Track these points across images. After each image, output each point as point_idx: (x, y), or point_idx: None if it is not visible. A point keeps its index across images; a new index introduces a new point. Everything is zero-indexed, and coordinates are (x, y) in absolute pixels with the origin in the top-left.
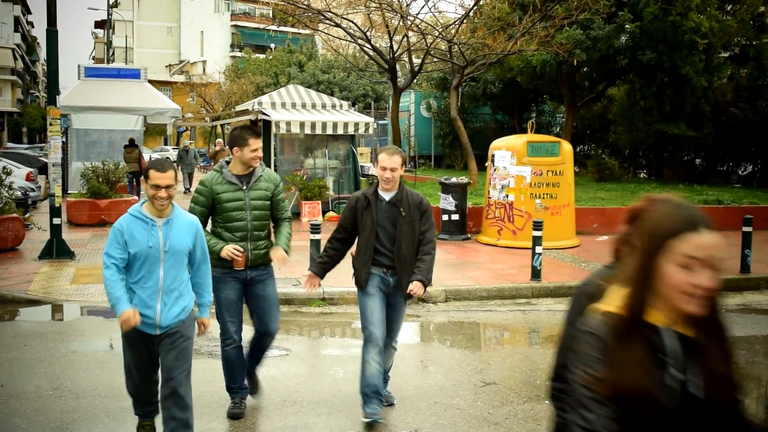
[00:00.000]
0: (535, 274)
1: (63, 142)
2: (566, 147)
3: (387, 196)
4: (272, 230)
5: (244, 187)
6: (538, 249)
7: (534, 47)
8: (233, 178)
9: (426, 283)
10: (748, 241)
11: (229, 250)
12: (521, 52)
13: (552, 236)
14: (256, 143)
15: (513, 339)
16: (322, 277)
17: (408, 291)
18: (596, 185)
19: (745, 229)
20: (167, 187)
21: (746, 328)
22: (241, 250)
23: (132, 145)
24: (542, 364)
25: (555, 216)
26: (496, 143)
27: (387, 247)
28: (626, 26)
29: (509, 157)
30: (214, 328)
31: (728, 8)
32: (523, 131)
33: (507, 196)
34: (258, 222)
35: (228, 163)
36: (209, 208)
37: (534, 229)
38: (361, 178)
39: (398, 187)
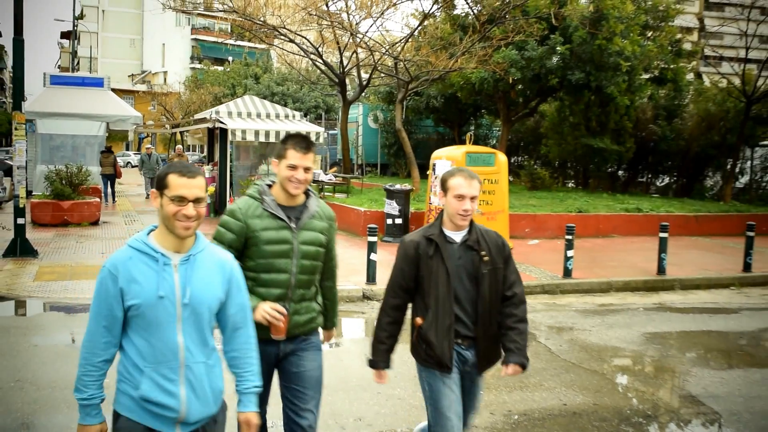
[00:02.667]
0: None
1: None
2: (501, 158)
3: (458, 237)
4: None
5: (293, 225)
6: None
7: (473, 65)
8: (278, 210)
9: (526, 366)
10: (664, 246)
11: (267, 310)
12: (461, 70)
13: None
14: (301, 159)
15: None
16: (390, 367)
17: (503, 374)
18: (528, 193)
19: (662, 234)
20: (196, 201)
21: (662, 325)
22: (284, 311)
23: (108, 150)
24: None
25: (490, 221)
26: (438, 153)
27: (465, 309)
28: (557, 48)
29: (449, 166)
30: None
31: (649, 34)
32: (462, 143)
33: None
34: (306, 276)
35: (270, 186)
36: (240, 250)
37: None
38: (312, 184)
39: (470, 222)
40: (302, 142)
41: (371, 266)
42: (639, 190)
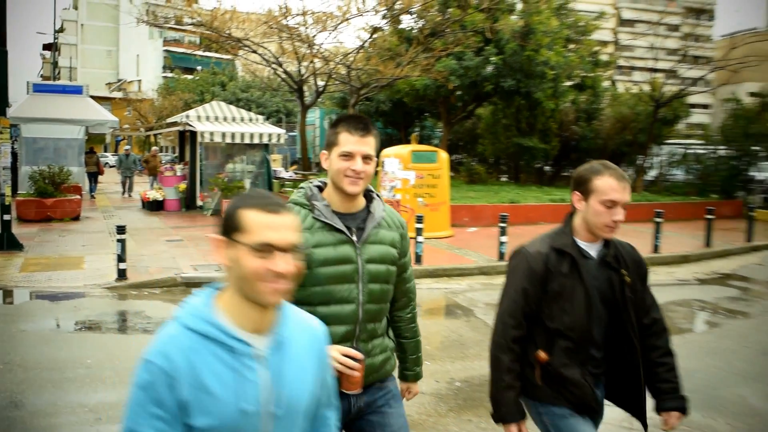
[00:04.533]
0: (417, 259)
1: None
2: (443, 155)
3: (594, 251)
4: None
5: (355, 239)
6: (420, 238)
7: (417, 74)
8: (334, 219)
9: (687, 410)
10: None
11: (338, 358)
12: (407, 78)
13: (431, 228)
14: (358, 143)
15: None
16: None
17: (664, 428)
18: (467, 187)
19: None
20: (288, 250)
21: None
22: (359, 356)
23: (91, 151)
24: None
25: (433, 211)
26: (386, 152)
27: (596, 339)
28: (491, 59)
29: (397, 164)
30: None
31: (571, 47)
32: (409, 143)
33: (395, 195)
34: (376, 306)
35: (321, 189)
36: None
37: (416, 222)
38: (274, 180)
39: None
40: (358, 122)
41: None
42: (563, 183)
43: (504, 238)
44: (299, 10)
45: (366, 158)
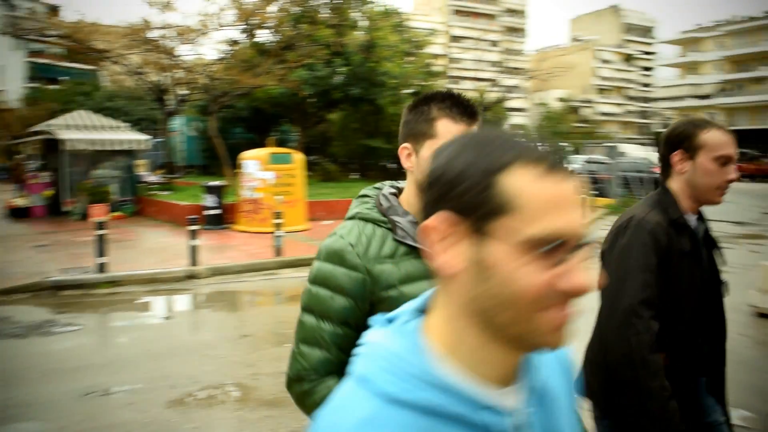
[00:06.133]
0: (278, 251)
1: None
2: (298, 156)
3: (693, 224)
4: None
5: None
6: (279, 233)
7: (273, 83)
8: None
9: None
10: None
11: None
12: (264, 86)
13: (289, 223)
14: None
15: (263, 301)
16: None
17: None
18: (321, 184)
19: None
20: (582, 247)
21: None
22: None
23: None
24: (285, 317)
25: (291, 208)
26: (247, 154)
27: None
28: (340, 69)
29: (256, 165)
30: None
31: (409, 59)
32: (267, 146)
33: (255, 193)
34: None
35: (396, 194)
36: (362, 317)
37: (276, 218)
38: (139, 184)
39: None
40: (461, 104)
41: (194, 251)
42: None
43: None
44: (161, 23)
45: None
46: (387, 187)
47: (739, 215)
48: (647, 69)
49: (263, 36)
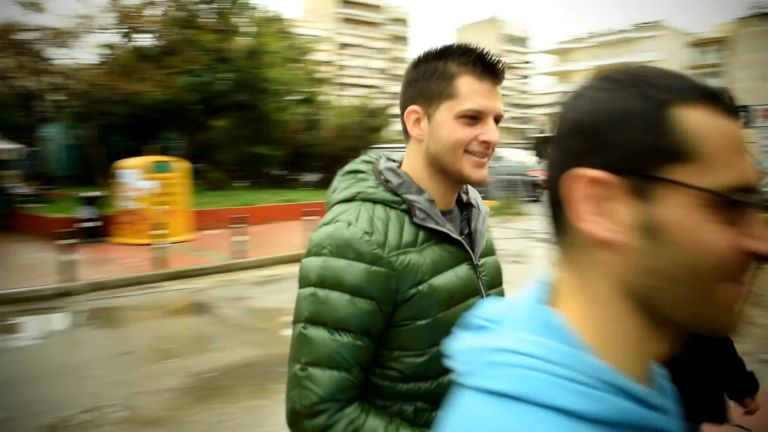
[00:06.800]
0: (161, 263)
1: None
2: (183, 165)
3: None
4: None
5: (471, 251)
6: (162, 244)
7: (155, 89)
8: (446, 222)
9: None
10: (311, 225)
11: None
12: (145, 92)
13: (174, 233)
14: (490, 99)
15: (144, 316)
16: None
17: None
18: (208, 192)
19: (308, 217)
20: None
21: None
22: None
23: None
24: (168, 332)
25: (175, 218)
26: (126, 163)
27: None
28: (223, 75)
29: (137, 174)
30: None
31: (296, 65)
32: (150, 154)
33: (135, 204)
34: None
35: (393, 170)
36: (383, 323)
37: (158, 229)
38: (5, 197)
39: None
40: (484, 58)
41: (69, 266)
42: (295, 185)
43: (242, 238)
44: (32, 25)
45: (497, 120)
46: (383, 159)
47: None
48: (525, 77)
49: (144, 40)
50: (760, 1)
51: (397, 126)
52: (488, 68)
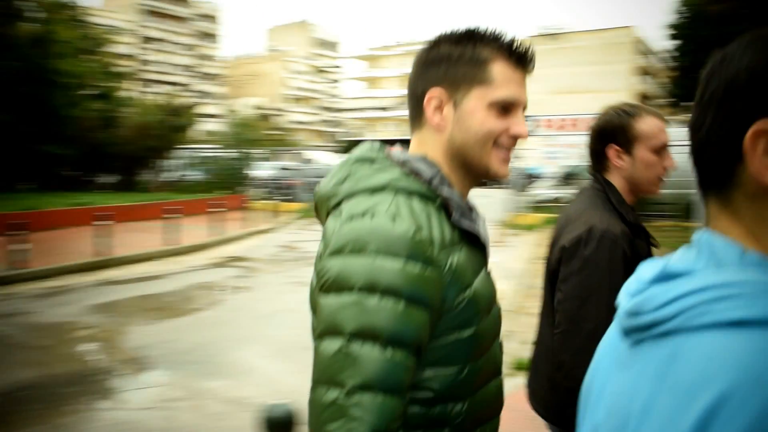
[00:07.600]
0: None
1: None
2: None
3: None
4: None
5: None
6: None
7: None
8: (476, 221)
9: None
10: (106, 231)
11: None
12: None
13: None
14: (522, 89)
15: None
16: None
17: None
18: None
19: (102, 222)
20: None
21: (108, 296)
22: None
23: None
24: None
25: None
26: None
27: None
28: (6, 64)
29: None
30: None
31: (92, 57)
32: None
33: None
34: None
35: (423, 160)
36: (429, 337)
37: None
38: None
39: None
40: (517, 47)
41: None
42: (89, 188)
43: (24, 246)
44: None
45: (524, 111)
46: (397, 148)
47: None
48: (335, 81)
49: None
50: (548, 23)
51: (208, 126)
52: (521, 57)
